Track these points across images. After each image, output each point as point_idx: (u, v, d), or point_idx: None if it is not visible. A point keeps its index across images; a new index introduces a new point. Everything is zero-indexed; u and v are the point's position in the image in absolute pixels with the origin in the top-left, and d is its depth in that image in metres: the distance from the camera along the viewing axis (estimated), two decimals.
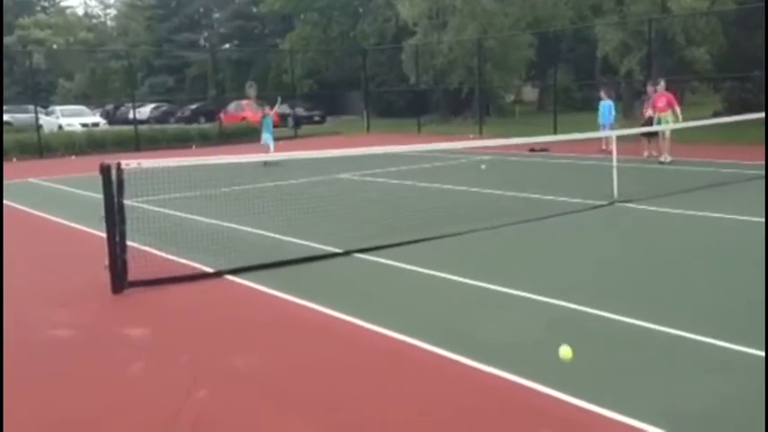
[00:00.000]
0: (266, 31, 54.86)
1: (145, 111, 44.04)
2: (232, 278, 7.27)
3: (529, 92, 48.47)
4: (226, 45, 57.82)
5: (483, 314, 5.99)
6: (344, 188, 13.81)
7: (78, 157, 23.24)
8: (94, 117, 37.72)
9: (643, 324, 5.46)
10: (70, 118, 35.13)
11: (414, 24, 35.34)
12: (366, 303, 6.34)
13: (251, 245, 8.65)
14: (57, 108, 38.34)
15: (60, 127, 33.28)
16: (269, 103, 20.91)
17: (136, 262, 7.08)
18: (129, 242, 7.10)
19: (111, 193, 6.84)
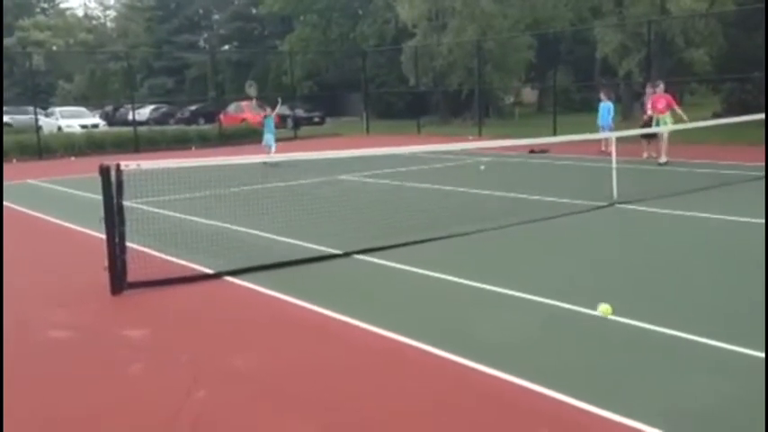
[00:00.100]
0: (266, 33, 54.91)
1: (144, 112, 44.04)
2: (231, 279, 7.27)
3: (528, 93, 48.49)
4: (225, 46, 57.88)
5: (481, 315, 5.99)
6: (344, 189, 13.81)
7: (78, 159, 23.24)
8: (94, 118, 37.68)
9: (642, 325, 5.47)
10: (69, 119, 35.11)
11: (413, 26, 35.37)
12: (365, 304, 6.35)
13: (250, 246, 8.65)
14: (56, 109, 38.30)
15: (60, 128, 33.25)
16: (269, 104, 20.89)
17: (135, 263, 7.08)
18: (129, 243, 7.10)
19: (110, 195, 6.85)
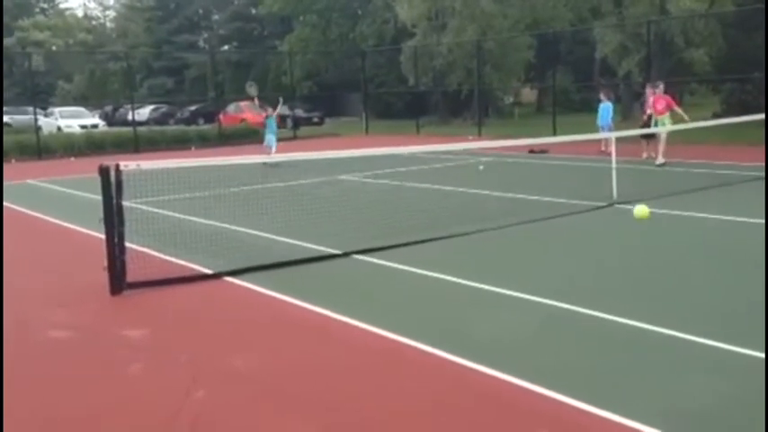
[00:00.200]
0: (265, 33, 54.91)
1: (144, 112, 44.02)
2: (231, 279, 7.27)
3: (528, 93, 48.51)
4: (225, 47, 57.89)
5: (480, 315, 5.99)
6: (343, 189, 13.81)
7: (77, 159, 23.24)
8: (93, 118, 37.66)
9: (641, 325, 5.47)
10: (69, 119, 35.09)
11: (413, 26, 35.38)
12: (364, 304, 6.35)
13: (250, 246, 8.65)
14: (56, 109, 38.28)
15: (59, 128, 33.24)
16: (270, 104, 20.87)
17: (135, 263, 7.08)
18: (128, 243, 7.10)
19: (110, 195, 6.85)
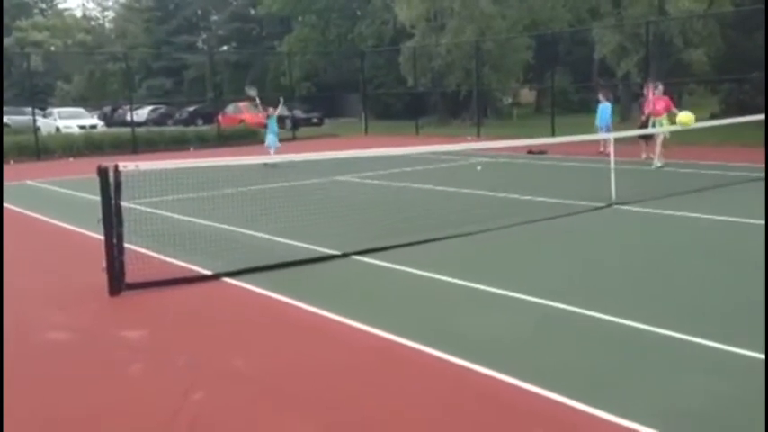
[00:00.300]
0: (264, 34, 54.90)
1: (143, 113, 43.99)
2: (230, 280, 7.27)
3: (526, 94, 48.55)
4: (224, 47, 57.87)
5: (479, 315, 5.99)
6: (342, 190, 13.82)
7: (76, 160, 23.23)
8: (92, 119, 37.61)
9: (639, 325, 5.48)
10: (68, 120, 35.02)
11: (412, 27, 35.40)
12: (363, 305, 6.35)
13: (249, 247, 8.65)
14: (54, 110, 38.21)
15: (58, 129, 33.20)
16: (271, 105, 20.87)
17: (133, 264, 7.08)
18: (127, 244, 7.10)
19: (108, 196, 6.85)
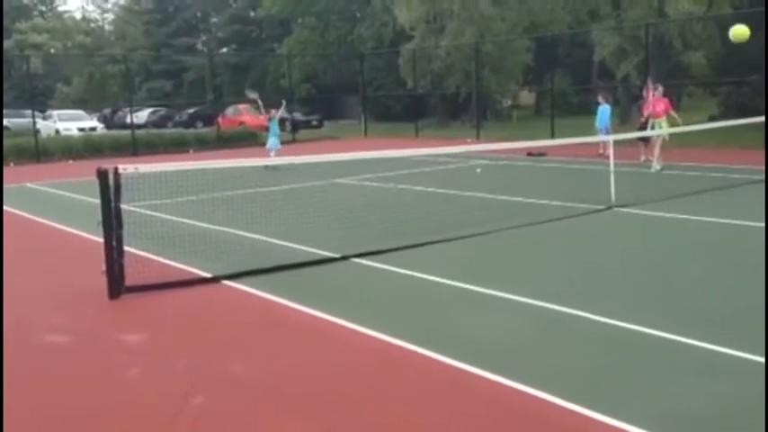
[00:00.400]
0: (264, 36, 54.93)
1: (142, 115, 43.93)
2: (229, 283, 7.26)
3: (526, 96, 48.54)
4: (223, 49, 57.87)
5: (479, 318, 5.99)
6: (342, 192, 13.82)
7: (75, 162, 23.22)
8: (92, 121, 37.57)
9: (639, 328, 5.47)
10: (67, 122, 35.00)
11: (411, 29, 35.41)
12: (363, 308, 6.35)
13: (248, 249, 8.65)
14: (54, 112, 38.18)
15: (57, 131, 33.19)
16: (272, 107, 20.87)
17: (133, 267, 7.08)
18: (127, 247, 7.09)
19: (108, 198, 6.85)
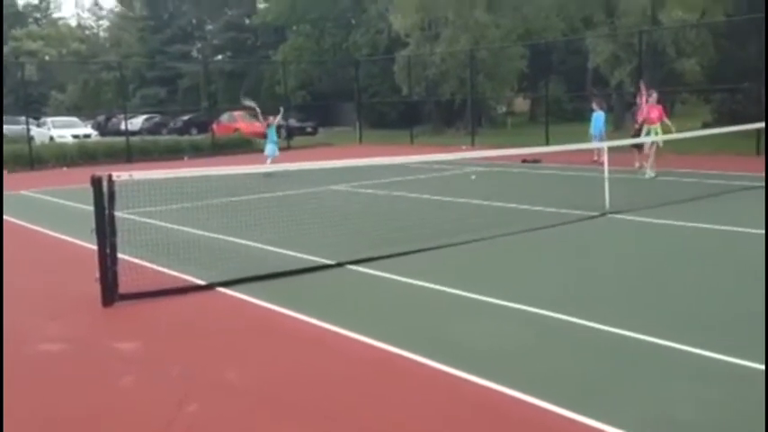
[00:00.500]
0: (259, 43, 54.97)
1: (137, 122, 43.89)
2: (224, 290, 7.25)
3: (521, 103, 48.68)
4: (218, 56, 57.86)
5: (473, 325, 5.98)
6: (337, 199, 13.82)
7: (70, 169, 23.16)
8: (86, 128, 37.50)
9: (633, 334, 5.47)
10: (62, 129, 34.92)
11: (406, 36, 35.49)
12: (357, 315, 6.34)
13: (243, 256, 8.63)
14: (48, 119, 38.12)
15: (52, 138, 33.12)
16: (270, 114, 20.86)
17: (127, 274, 7.05)
18: (120, 254, 7.07)
19: (102, 205, 6.83)
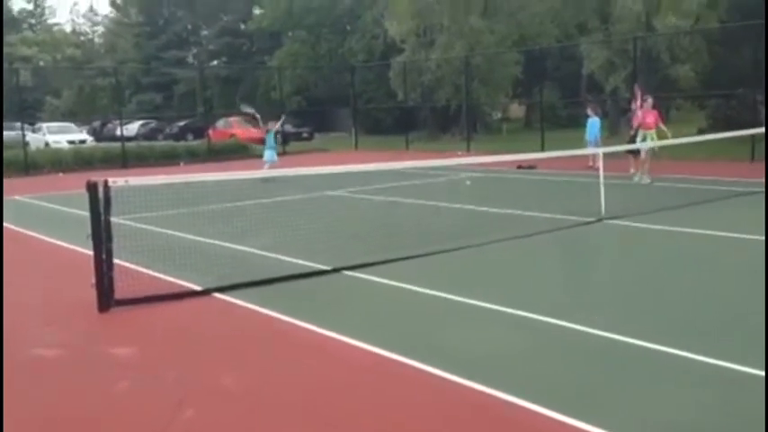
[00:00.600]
0: (254, 49, 55.00)
1: (132, 128, 43.83)
2: (220, 296, 7.24)
3: (516, 109, 48.80)
4: (214, 62, 57.85)
5: (470, 330, 5.99)
6: (333, 205, 13.82)
7: (65, 175, 23.13)
8: (81, 134, 37.45)
9: (628, 339, 5.48)
10: (57, 135, 34.86)
11: (401, 42, 35.56)
12: (354, 320, 6.34)
13: (239, 262, 8.63)
14: (43, 125, 38.05)
15: (47, 144, 33.06)
16: (270, 119, 20.86)
17: (123, 280, 7.04)
18: (116, 260, 7.06)
19: (97, 211, 6.83)
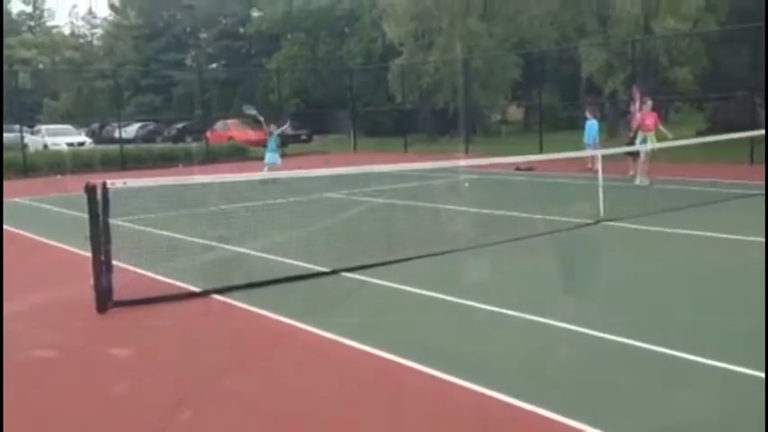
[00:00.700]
0: (253, 51, 55.03)
1: (131, 130, 43.82)
2: (219, 297, 7.23)
3: (514, 111, 48.79)
4: (213, 65, 57.89)
5: (469, 332, 5.98)
6: (331, 207, 13.81)
7: (64, 177, 23.08)
8: (80, 136, 37.42)
9: (628, 341, 5.47)
10: (56, 137, 34.80)
11: (400, 44, 35.59)
12: (353, 322, 6.32)
13: (238, 264, 8.61)
14: (42, 127, 38.03)
15: (46, 146, 33.04)
16: (273, 122, 20.83)
17: (121, 281, 7.03)
18: (115, 261, 7.05)
19: (96, 213, 6.82)
